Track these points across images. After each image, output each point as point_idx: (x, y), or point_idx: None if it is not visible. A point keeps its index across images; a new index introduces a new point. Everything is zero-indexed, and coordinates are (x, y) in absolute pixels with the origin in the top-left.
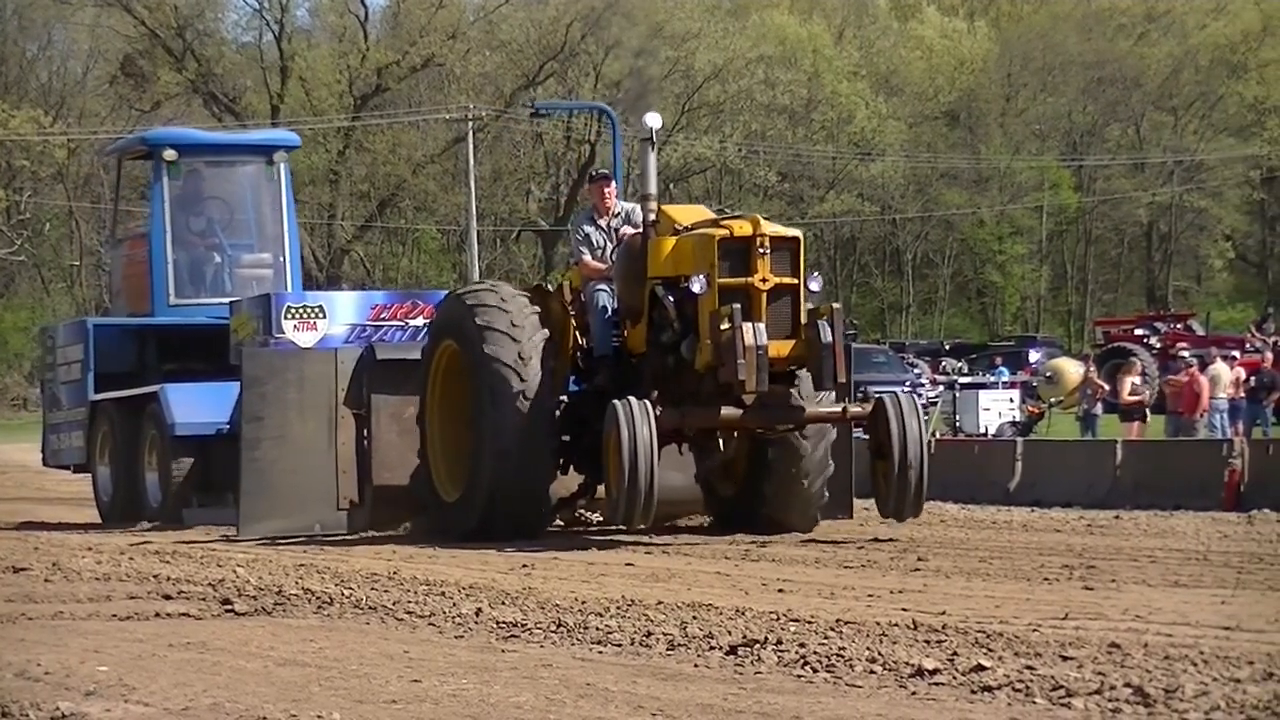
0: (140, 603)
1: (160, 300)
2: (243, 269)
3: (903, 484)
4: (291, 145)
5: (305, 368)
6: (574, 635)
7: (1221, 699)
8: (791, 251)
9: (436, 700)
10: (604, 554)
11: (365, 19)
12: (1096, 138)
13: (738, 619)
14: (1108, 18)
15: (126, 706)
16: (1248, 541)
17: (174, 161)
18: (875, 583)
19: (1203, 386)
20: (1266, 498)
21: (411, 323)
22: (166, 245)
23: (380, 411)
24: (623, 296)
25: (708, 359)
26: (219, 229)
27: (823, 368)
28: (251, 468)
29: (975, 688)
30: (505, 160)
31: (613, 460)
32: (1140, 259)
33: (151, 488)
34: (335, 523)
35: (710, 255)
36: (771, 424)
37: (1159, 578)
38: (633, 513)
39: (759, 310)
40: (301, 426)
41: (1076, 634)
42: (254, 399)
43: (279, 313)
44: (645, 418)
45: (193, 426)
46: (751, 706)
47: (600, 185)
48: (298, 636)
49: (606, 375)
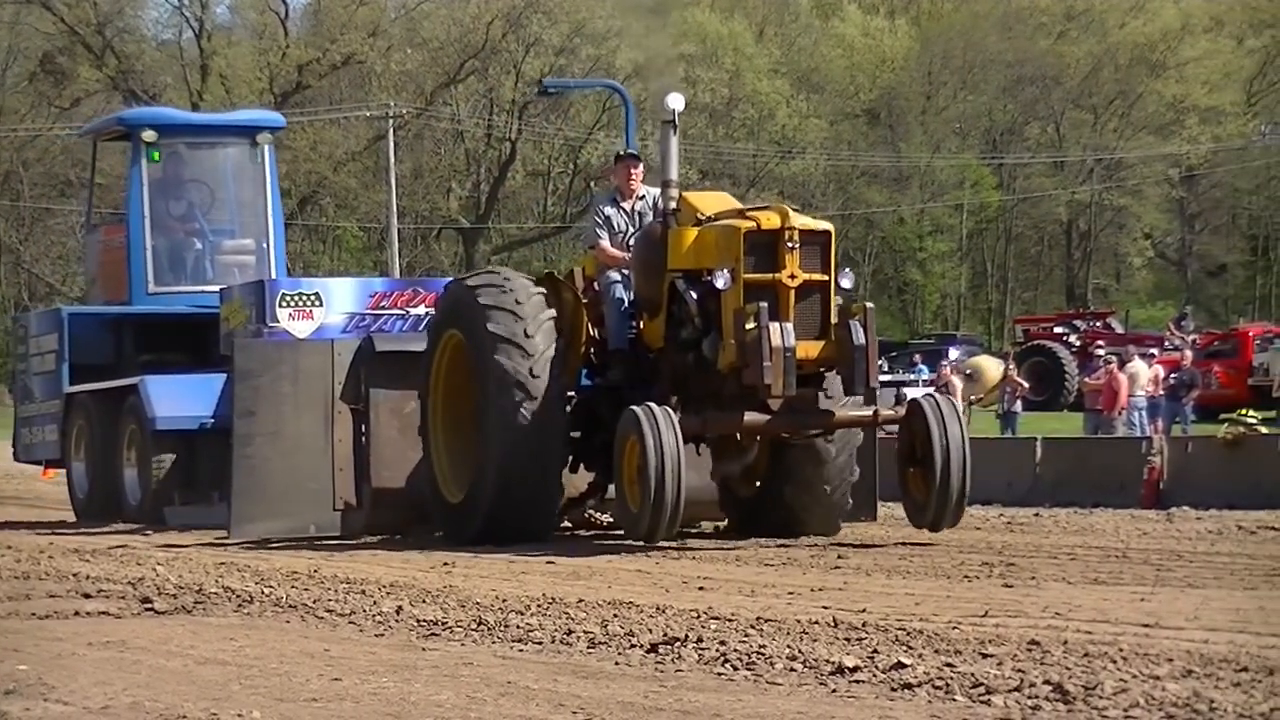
0: (59, 601)
1: (139, 288)
2: (225, 255)
3: (944, 493)
4: (276, 126)
5: (300, 360)
6: (495, 633)
7: (1141, 696)
8: (822, 246)
9: (357, 699)
10: (525, 552)
11: (286, 16)
12: (1016, 136)
13: (658, 617)
14: (1028, 16)
15: (46, 705)
16: (1167, 539)
17: (153, 143)
18: (796, 580)
19: (1121, 384)
20: (1185, 495)
21: (413, 311)
22: (145, 231)
23: (379, 407)
24: (639, 288)
25: (731, 359)
26: (200, 213)
27: (854, 370)
28: (243, 466)
29: (895, 685)
30: (426, 158)
31: (631, 472)
32: (1060, 257)
33: (130, 485)
34: (331, 524)
35: (735, 248)
36: (798, 429)
37: (1079, 575)
38: (656, 528)
39: (786, 309)
40: (296, 422)
41: (996, 631)
42: (246, 393)
43: (273, 300)
44: (670, 427)
45: (175, 420)
46: (672, 704)
47: (628, 165)
48: (218, 635)
49: (621, 371)
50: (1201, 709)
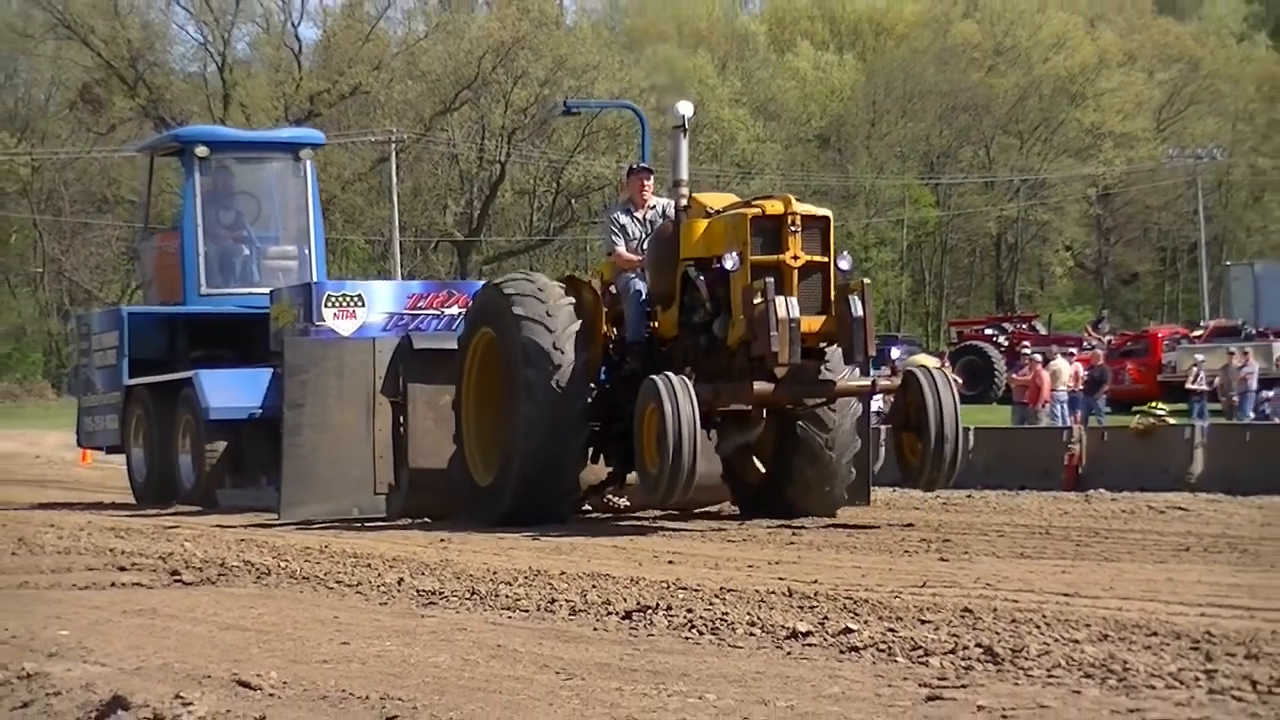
0: (97, 574)
1: (191, 290)
2: (270, 260)
3: (939, 455)
4: (317, 143)
5: (344, 356)
6: (486, 602)
7: (1062, 658)
8: (822, 230)
9: (363, 660)
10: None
11: (299, 51)
12: (951, 158)
13: (632, 587)
14: (961, 51)
15: (85, 666)
16: (1085, 518)
17: (205, 157)
18: (755, 555)
19: (1044, 380)
20: (1102, 479)
21: (447, 312)
22: (198, 238)
23: (416, 399)
24: (654, 282)
25: (740, 333)
26: (247, 222)
27: (854, 342)
28: (292, 453)
29: (843, 648)
30: (425, 178)
31: (651, 436)
32: (990, 266)
33: (185, 470)
34: (373, 507)
35: (743, 233)
36: (802, 398)
37: (1006, 550)
38: (673, 488)
39: (791, 286)
40: (340, 413)
41: (933, 600)
42: (295, 386)
43: (319, 301)
44: (687, 395)
45: (226, 411)
46: (644, 665)
47: (640, 178)
48: (239, 604)
49: (638, 360)
50: (1116, 669)
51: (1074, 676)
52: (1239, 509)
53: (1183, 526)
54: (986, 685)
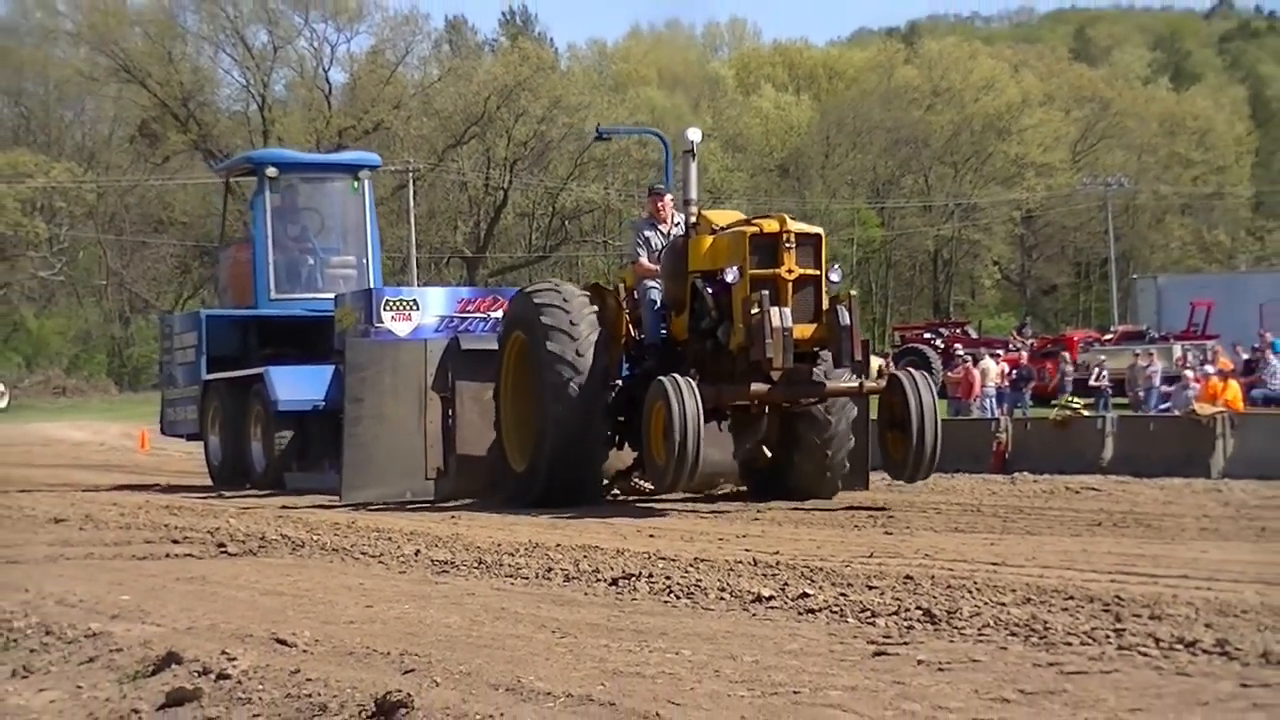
0: (154, 546)
1: (262, 295)
2: (331, 269)
3: (920, 451)
4: (374, 165)
5: (400, 356)
6: (491, 571)
7: (991, 618)
8: (814, 246)
9: (385, 621)
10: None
11: (329, 92)
12: (895, 185)
13: (618, 558)
14: (903, 93)
15: (144, 627)
16: (1011, 497)
17: (275, 177)
18: (725, 529)
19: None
20: (1025, 463)
21: (493, 315)
22: (268, 249)
23: (463, 395)
24: (668, 290)
25: (740, 340)
26: (312, 235)
27: (842, 348)
28: (353, 443)
29: (801, 610)
30: (438, 202)
31: (658, 431)
32: (928, 279)
33: (256, 456)
34: (424, 490)
35: (743, 249)
36: (796, 398)
37: (943, 525)
38: (679, 477)
39: (785, 297)
40: (396, 407)
41: (879, 569)
42: (355, 383)
43: (379, 305)
44: (692, 394)
45: (293, 403)
46: (629, 625)
47: (656, 198)
48: (277, 572)
49: (655, 360)
50: (1037, 628)
51: (1001, 635)
52: (1144, 489)
53: (1095, 504)
54: (926, 642)
